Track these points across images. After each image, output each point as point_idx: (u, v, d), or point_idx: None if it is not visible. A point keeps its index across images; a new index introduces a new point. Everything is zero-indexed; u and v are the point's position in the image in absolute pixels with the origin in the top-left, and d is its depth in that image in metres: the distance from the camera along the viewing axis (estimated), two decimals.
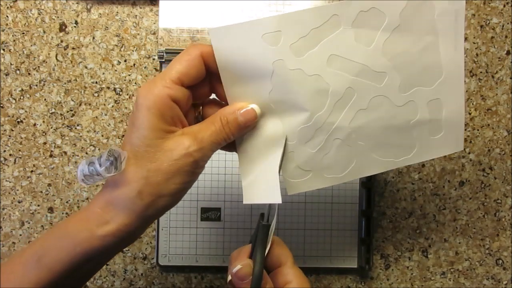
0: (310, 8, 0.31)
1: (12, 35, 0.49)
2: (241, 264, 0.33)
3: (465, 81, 0.51)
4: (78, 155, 0.49)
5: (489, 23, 0.51)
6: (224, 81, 0.34)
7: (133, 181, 0.31)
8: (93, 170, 0.31)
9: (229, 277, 0.35)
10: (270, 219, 0.35)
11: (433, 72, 0.35)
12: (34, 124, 0.49)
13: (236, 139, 0.35)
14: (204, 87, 0.35)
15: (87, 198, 0.49)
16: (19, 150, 0.49)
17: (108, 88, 0.49)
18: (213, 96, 0.36)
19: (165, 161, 0.31)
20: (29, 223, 0.49)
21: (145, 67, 0.50)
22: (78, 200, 0.49)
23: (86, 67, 0.49)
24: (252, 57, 0.32)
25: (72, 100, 0.49)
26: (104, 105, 0.49)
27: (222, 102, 0.35)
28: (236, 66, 0.33)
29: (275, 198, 0.34)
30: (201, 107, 0.36)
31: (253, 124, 0.34)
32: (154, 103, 0.31)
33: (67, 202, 0.49)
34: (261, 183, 0.35)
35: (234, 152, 0.36)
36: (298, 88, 0.34)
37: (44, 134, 0.49)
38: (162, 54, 0.48)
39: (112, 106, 0.49)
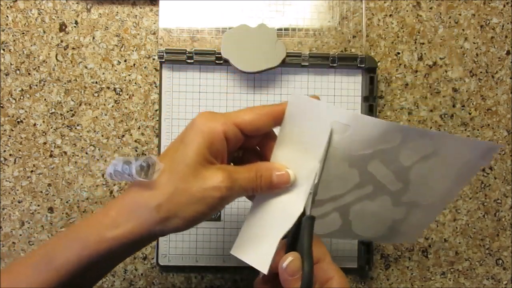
0: (383, 121, 0.33)
1: (12, 35, 0.49)
2: (292, 257, 0.33)
3: (465, 81, 0.51)
4: (78, 155, 0.49)
5: (489, 23, 0.51)
6: (278, 139, 0.35)
7: (158, 193, 0.32)
8: (127, 169, 0.31)
9: (260, 275, 0.35)
10: (308, 211, 0.34)
11: (436, 194, 0.38)
12: (34, 124, 0.49)
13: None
14: (257, 140, 0.36)
15: (87, 198, 0.49)
16: (19, 150, 0.49)
17: (108, 88, 0.49)
18: None
19: (195, 186, 0.32)
20: (29, 223, 0.49)
21: (145, 67, 0.50)
22: (78, 200, 0.49)
23: (86, 67, 0.49)
24: (314, 134, 0.34)
25: (72, 100, 0.49)
26: (104, 105, 0.49)
27: (262, 155, 0.37)
28: (296, 133, 0.34)
29: (263, 267, 0.35)
30: (242, 151, 0.37)
31: (284, 188, 0.35)
32: (209, 132, 0.32)
33: (67, 202, 0.49)
34: (257, 245, 0.35)
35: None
36: (334, 175, 0.35)
37: (44, 134, 0.49)
38: (162, 54, 0.48)
39: (112, 106, 0.49)
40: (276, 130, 0.35)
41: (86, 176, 0.49)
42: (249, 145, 0.36)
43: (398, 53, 0.51)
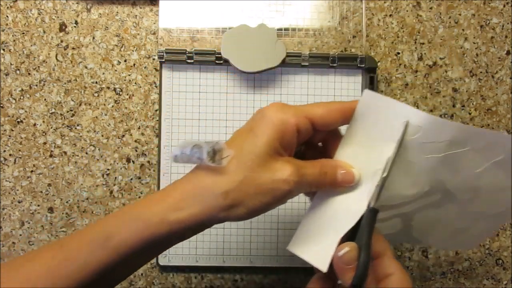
0: (456, 123, 0.32)
1: (12, 35, 0.49)
2: (349, 247, 0.32)
3: (465, 81, 0.51)
4: (78, 155, 0.49)
5: (489, 23, 0.51)
6: (345, 137, 0.34)
7: (227, 180, 0.31)
8: (196, 153, 0.31)
9: (315, 275, 0.34)
10: (372, 203, 0.33)
11: (504, 204, 0.37)
12: (34, 124, 0.49)
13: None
14: (322, 135, 0.35)
15: (87, 198, 0.49)
16: (19, 150, 0.49)
17: (108, 88, 0.49)
18: None
19: (264, 177, 0.31)
20: (29, 223, 0.49)
21: (145, 67, 0.50)
22: (78, 200, 0.49)
23: (86, 67, 0.49)
24: (384, 133, 0.33)
25: (72, 100, 0.49)
26: (104, 105, 0.49)
27: (324, 152, 0.36)
28: (364, 131, 0.34)
29: (322, 264, 0.33)
30: (304, 146, 0.36)
31: (347, 187, 0.34)
32: (281, 124, 0.32)
33: (67, 202, 0.49)
34: (317, 242, 0.34)
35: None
36: (402, 178, 0.34)
37: (44, 134, 0.49)
38: (162, 54, 0.48)
39: (112, 106, 0.49)
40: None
41: (86, 176, 0.49)
42: (313, 140, 0.35)
43: (398, 53, 0.51)
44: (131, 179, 0.50)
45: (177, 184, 0.33)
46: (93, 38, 0.49)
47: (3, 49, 0.49)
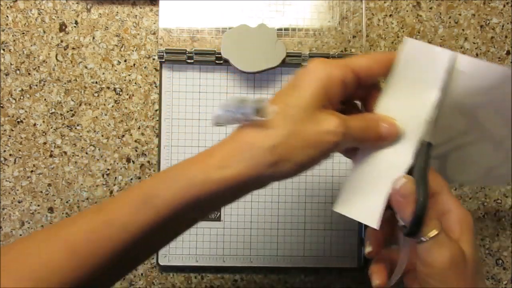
0: (500, 66, 0.31)
1: (12, 35, 0.49)
2: (406, 179, 0.31)
3: None
4: (78, 155, 0.49)
5: (489, 23, 0.51)
6: (385, 89, 0.34)
7: (273, 134, 0.30)
8: (241, 108, 0.30)
9: (368, 248, 0.33)
10: (427, 137, 0.32)
11: None
12: (34, 124, 0.49)
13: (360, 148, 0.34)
14: (362, 91, 0.34)
15: (87, 198, 0.49)
16: (19, 150, 0.49)
17: (108, 88, 0.49)
18: None
19: (310, 129, 0.30)
20: (29, 223, 0.49)
21: (145, 67, 0.50)
22: (78, 200, 0.49)
23: (86, 67, 0.49)
24: (426, 81, 0.32)
25: (72, 100, 0.49)
26: (104, 105, 0.49)
27: (364, 108, 0.36)
28: (406, 81, 0.33)
29: (373, 221, 0.33)
30: (343, 104, 0.35)
31: (389, 141, 0.33)
32: (326, 76, 0.31)
33: (67, 202, 0.49)
34: (364, 200, 0.34)
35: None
36: (441, 121, 0.33)
37: (44, 134, 0.49)
38: (162, 54, 0.48)
39: (112, 106, 0.49)
40: None
41: (86, 176, 0.49)
42: (354, 96, 0.35)
43: None
44: (131, 179, 0.50)
45: (222, 143, 0.31)
46: (93, 38, 0.49)
47: (3, 49, 0.49)
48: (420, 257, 0.31)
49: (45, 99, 0.49)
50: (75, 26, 0.49)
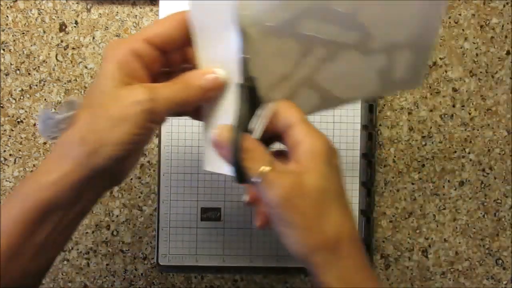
0: (282, 2, 0.30)
1: (12, 35, 0.49)
2: (217, 129, 0.31)
3: (464, 81, 0.51)
4: None
5: (489, 23, 0.51)
6: (195, 43, 0.33)
7: (78, 126, 0.31)
8: (46, 115, 0.31)
9: (245, 197, 0.33)
10: (240, 79, 0.31)
11: (407, 26, 0.35)
12: (34, 124, 0.49)
13: (202, 106, 0.34)
14: (178, 54, 0.34)
15: None
16: (19, 150, 0.49)
17: None
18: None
19: (115, 107, 0.30)
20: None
21: None
22: None
23: (86, 67, 0.49)
24: (221, 28, 0.31)
25: None
26: None
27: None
28: (208, 31, 0.32)
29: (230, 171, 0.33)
30: (168, 72, 0.35)
31: (218, 90, 0.32)
32: (117, 54, 0.31)
33: None
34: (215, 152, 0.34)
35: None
36: (268, 53, 0.33)
37: None
38: None
39: None
40: None
41: None
42: (173, 62, 0.34)
43: None
44: (131, 179, 0.50)
45: (48, 154, 0.32)
46: (93, 38, 0.49)
47: (3, 49, 0.49)
48: (261, 199, 0.31)
49: (45, 99, 0.49)
50: (75, 26, 0.49)
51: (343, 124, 0.50)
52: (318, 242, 0.30)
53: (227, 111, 0.33)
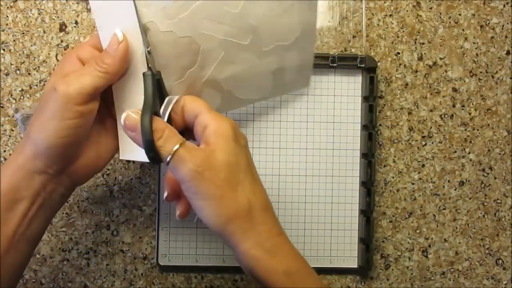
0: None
1: (12, 35, 0.49)
2: (125, 113, 0.33)
3: (464, 81, 0.51)
4: None
5: (489, 23, 0.51)
6: (102, 42, 0.35)
7: (29, 124, 0.34)
8: (17, 117, 0.37)
9: (165, 194, 0.36)
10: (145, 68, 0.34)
11: (291, 30, 0.40)
12: None
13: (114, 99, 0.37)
14: None
15: (87, 198, 0.49)
16: None
17: None
18: None
19: (43, 101, 0.34)
20: None
21: None
22: (78, 200, 0.49)
23: None
24: (125, 20, 0.34)
25: None
26: None
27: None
28: (112, 27, 0.35)
29: (145, 157, 0.34)
30: None
31: (121, 50, 0.34)
32: (64, 63, 0.36)
33: (67, 202, 0.49)
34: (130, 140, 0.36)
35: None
36: (169, 49, 0.36)
37: None
38: None
39: None
40: None
41: None
42: None
43: (398, 53, 0.51)
44: (131, 179, 0.50)
45: None
46: None
47: (3, 49, 0.49)
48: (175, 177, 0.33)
49: None
50: (75, 26, 0.49)
51: (343, 124, 0.50)
52: (232, 212, 0.32)
53: (135, 100, 0.36)
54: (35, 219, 0.35)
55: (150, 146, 0.31)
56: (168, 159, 0.31)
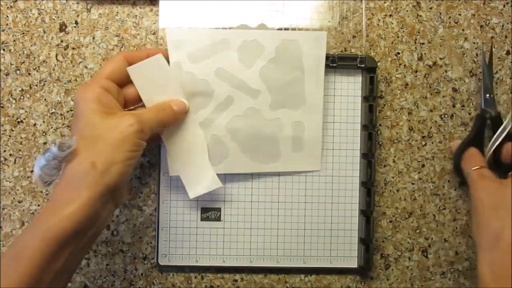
0: (206, 29, 0.45)
1: (12, 35, 0.49)
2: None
3: (464, 81, 0.51)
4: None
5: (489, 23, 0.51)
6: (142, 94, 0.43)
7: (84, 156, 0.35)
8: (49, 156, 0.34)
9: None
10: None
11: (298, 99, 0.46)
12: (34, 124, 0.49)
13: (165, 133, 0.44)
14: (132, 87, 0.43)
15: None
16: (19, 150, 0.49)
17: None
18: None
19: (112, 133, 0.36)
20: (29, 223, 0.49)
21: None
22: None
23: (86, 67, 0.49)
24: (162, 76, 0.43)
25: (72, 100, 0.49)
26: None
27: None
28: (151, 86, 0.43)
29: (217, 183, 0.44)
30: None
31: (184, 114, 0.44)
32: (90, 93, 0.38)
33: None
34: (199, 174, 0.44)
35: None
36: (188, 87, 0.44)
37: (44, 134, 0.49)
38: None
39: None
40: None
41: None
42: (131, 96, 0.43)
43: (398, 53, 0.51)
44: (131, 179, 0.50)
45: (55, 187, 0.35)
46: (93, 38, 0.49)
47: (3, 49, 0.49)
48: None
49: (45, 99, 0.49)
50: (75, 26, 0.49)
51: (343, 124, 0.50)
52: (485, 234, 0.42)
53: (195, 134, 0.45)
54: (81, 252, 0.37)
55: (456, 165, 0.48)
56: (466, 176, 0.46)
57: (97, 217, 0.36)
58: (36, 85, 0.49)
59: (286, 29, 0.49)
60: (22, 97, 0.49)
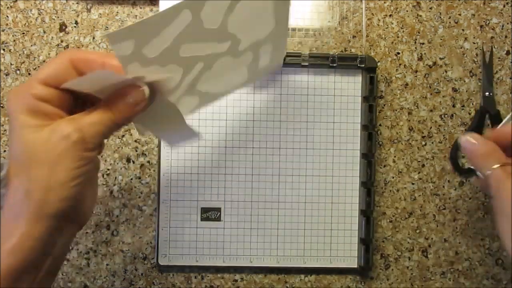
0: (159, 12, 0.31)
1: (12, 35, 0.49)
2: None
3: (464, 81, 0.51)
4: None
5: (489, 23, 0.51)
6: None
7: (18, 183, 0.29)
8: None
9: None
10: None
11: (266, 26, 0.39)
12: None
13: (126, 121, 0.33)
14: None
15: None
16: None
17: None
18: None
19: (43, 151, 0.29)
20: None
21: None
22: None
23: None
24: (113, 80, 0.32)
25: None
26: None
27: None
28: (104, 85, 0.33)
29: (195, 135, 0.39)
30: (82, 101, 0.34)
31: (145, 102, 0.32)
32: (20, 103, 0.30)
33: None
34: (175, 130, 0.39)
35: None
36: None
37: None
38: None
39: None
40: None
41: None
42: (83, 97, 0.33)
43: (398, 53, 0.51)
44: (131, 179, 0.50)
45: (1, 216, 0.30)
46: (93, 38, 0.49)
47: (3, 49, 0.49)
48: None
49: None
50: (75, 26, 0.49)
51: (343, 124, 0.50)
52: None
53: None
54: (44, 281, 0.32)
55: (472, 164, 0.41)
56: (481, 175, 0.38)
57: (51, 247, 0.31)
58: None
59: None
60: None
